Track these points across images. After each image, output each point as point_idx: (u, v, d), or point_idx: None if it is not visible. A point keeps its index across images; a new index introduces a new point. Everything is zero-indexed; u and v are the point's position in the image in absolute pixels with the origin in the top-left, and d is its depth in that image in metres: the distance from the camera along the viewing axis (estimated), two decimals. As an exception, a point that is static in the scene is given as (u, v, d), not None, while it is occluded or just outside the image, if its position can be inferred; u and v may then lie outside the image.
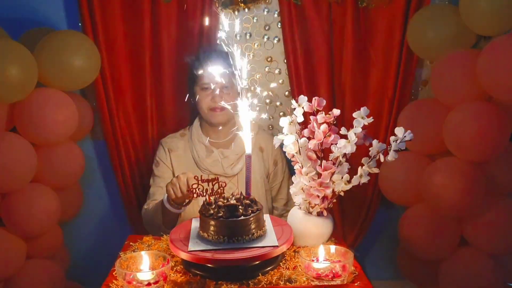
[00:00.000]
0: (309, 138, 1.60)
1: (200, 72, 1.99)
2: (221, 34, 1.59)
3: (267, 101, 2.36)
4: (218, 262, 1.38)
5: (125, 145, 2.27)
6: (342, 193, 1.62)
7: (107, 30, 2.15)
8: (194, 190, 1.54)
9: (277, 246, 1.42)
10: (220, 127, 2.03)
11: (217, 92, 1.99)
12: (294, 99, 1.63)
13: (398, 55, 2.15)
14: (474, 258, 1.92)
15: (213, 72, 1.98)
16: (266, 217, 1.60)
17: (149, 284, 1.35)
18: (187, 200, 1.81)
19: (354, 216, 2.34)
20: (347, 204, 2.34)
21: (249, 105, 1.54)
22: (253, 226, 1.45)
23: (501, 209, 1.87)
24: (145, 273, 1.37)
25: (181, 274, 1.45)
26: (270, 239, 1.46)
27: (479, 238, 1.90)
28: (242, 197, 1.51)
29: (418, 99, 2.29)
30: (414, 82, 2.24)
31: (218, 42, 2.22)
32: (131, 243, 1.68)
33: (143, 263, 1.43)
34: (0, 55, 1.73)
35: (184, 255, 1.40)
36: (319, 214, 1.62)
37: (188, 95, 2.09)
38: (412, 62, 2.17)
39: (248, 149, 1.55)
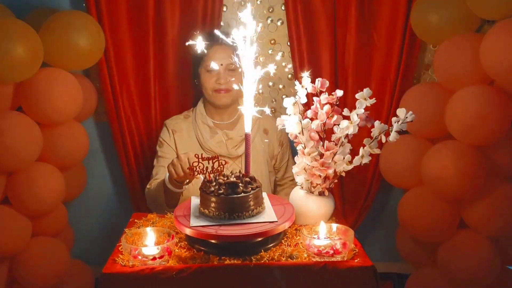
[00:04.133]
0: (312, 119, 1.62)
1: (205, 53, 2.01)
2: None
3: (270, 83, 2.37)
4: (220, 238, 1.41)
5: (129, 126, 2.29)
6: (343, 174, 1.64)
7: (111, 11, 2.16)
8: (195, 168, 1.56)
9: (276, 222, 1.44)
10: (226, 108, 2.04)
11: (222, 73, 2.00)
12: (298, 81, 1.64)
13: (401, 39, 2.15)
14: (473, 241, 1.94)
15: (218, 53, 2.00)
16: (264, 195, 1.62)
17: (154, 258, 1.38)
18: (187, 180, 1.83)
19: (355, 198, 2.36)
20: (348, 185, 2.36)
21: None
22: (252, 203, 1.47)
23: (501, 192, 1.87)
24: (150, 248, 1.40)
25: (185, 250, 1.48)
26: (269, 215, 1.49)
27: (478, 221, 1.91)
28: (241, 174, 1.53)
29: (420, 83, 2.30)
30: (417, 66, 2.24)
31: (222, 23, 2.25)
32: (136, 220, 1.71)
33: (149, 239, 1.46)
34: (6, 34, 1.74)
35: (188, 231, 1.43)
36: (321, 193, 1.65)
37: (192, 76, 2.10)
38: (415, 46, 2.17)
39: (248, 128, 1.57)
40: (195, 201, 1.60)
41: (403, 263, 2.30)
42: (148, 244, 1.45)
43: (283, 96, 2.37)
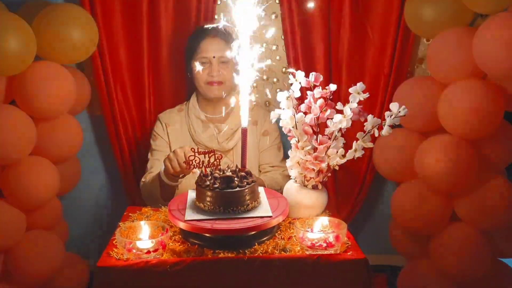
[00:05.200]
0: (305, 113, 1.63)
1: (198, 45, 2.00)
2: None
3: (264, 77, 2.37)
4: (216, 232, 1.41)
5: (123, 119, 2.29)
6: (337, 167, 1.65)
7: (104, 3, 2.15)
8: (191, 162, 1.57)
9: (271, 216, 1.45)
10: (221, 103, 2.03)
11: (214, 65, 2.00)
12: (292, 75, 1.65)
13: (395, 33, 2.16)
14: (465, 234, 1.95)
15: (210, 46, 1.99)
16: (261, 190, 1.63)
17: (148, 252, 1.39)
18: (183, 174, 1.83)
19: (349, 191, 2.38)
20: (341, 179, 2.38)
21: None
22: (248, 198, 1.48)
23: (493, 186, 1.88)
24: (144, 242, 1.41)
25: (179, 244, 1.48)
26: (264, 210, 1.50)
27: (470, 214, 1.92)
28: (237, 169, 1.54)
29: (414, 76, 2.31)
30: (410, 60, 2.25)
31: (216, 16, 2.25)
32: (130, 214, 1.71)
33: (143, 233, 1.47)
34: (-2, 27, 1.74)
35: (182, 225, 1.43)
36: (314, 187, 1.66)
37: (186, 69, 2.10)
38: (409, 39, 2.18)
39: (244, 122, 1.57)
40: (191, 194, 1.61)
41: (397, 255, 2.32)
42: (143, 237, 1.46)
43: (277, 90, 2.37)
